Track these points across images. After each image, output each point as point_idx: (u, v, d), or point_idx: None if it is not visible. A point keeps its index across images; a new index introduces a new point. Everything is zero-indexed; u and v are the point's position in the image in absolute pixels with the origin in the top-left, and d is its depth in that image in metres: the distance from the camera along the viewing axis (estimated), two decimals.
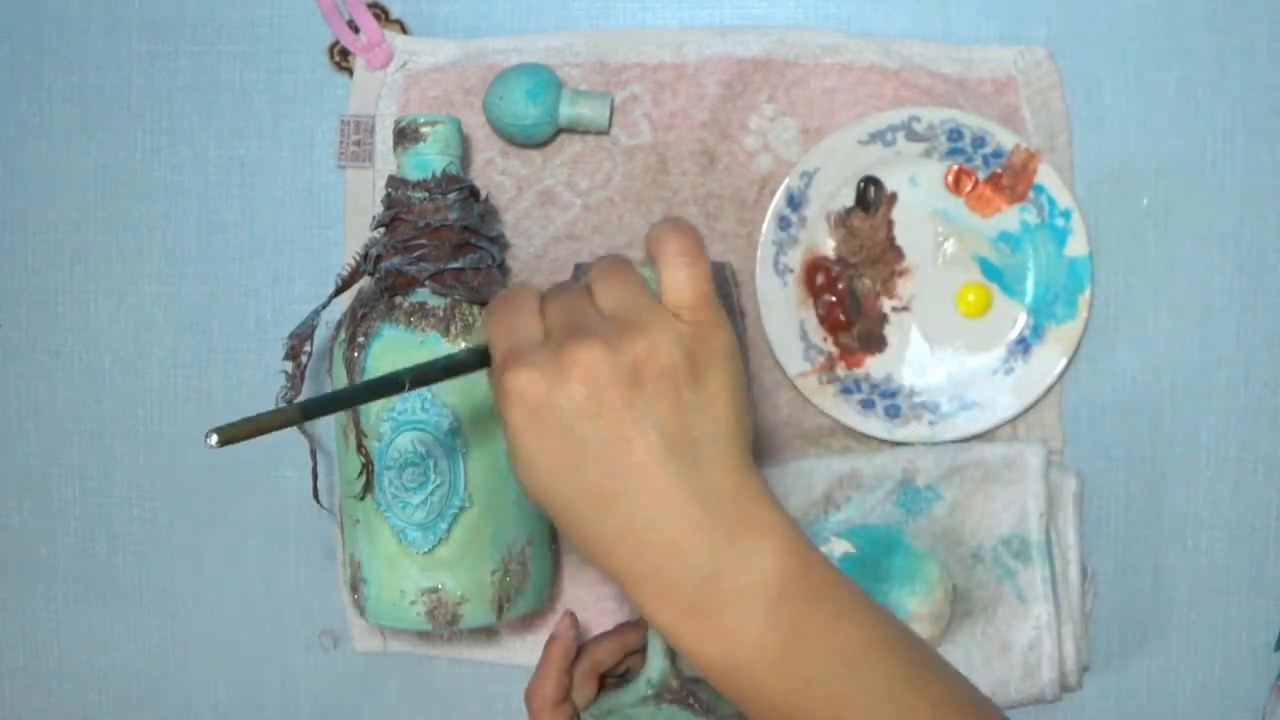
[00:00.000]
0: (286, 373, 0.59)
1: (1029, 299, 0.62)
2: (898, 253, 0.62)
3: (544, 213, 0.64)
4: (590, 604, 0.65)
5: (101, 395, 0.69)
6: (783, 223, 0.62)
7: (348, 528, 0.58)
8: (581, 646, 0.59)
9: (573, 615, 0.57)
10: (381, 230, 0.59)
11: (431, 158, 0.57)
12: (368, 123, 0.65)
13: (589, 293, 0.41)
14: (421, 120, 0.57)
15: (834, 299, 0.63)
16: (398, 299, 0.56)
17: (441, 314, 0.55)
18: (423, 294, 0.56)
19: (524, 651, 0.66)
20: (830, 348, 0.63)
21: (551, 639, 0.56)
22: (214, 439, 0.36)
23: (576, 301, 0.40)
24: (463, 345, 0.55)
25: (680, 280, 0.40)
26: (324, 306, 0.59)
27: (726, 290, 0.58)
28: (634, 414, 0.38)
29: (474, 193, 0.59)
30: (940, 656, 0.43)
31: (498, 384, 0.39)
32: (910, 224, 0.62)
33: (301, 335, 0.58)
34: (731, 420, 0.39)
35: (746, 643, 0.38)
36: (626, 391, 0.38)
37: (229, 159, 0.67)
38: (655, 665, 0.58)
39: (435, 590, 0.55)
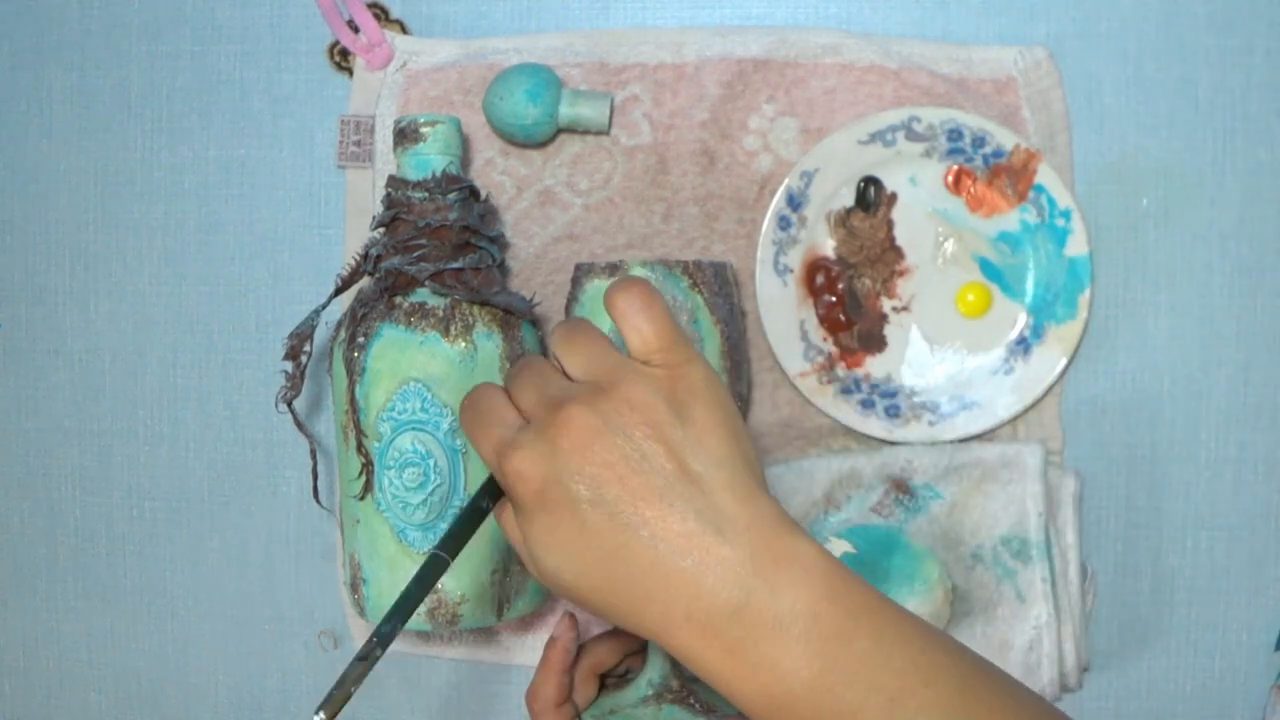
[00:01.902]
0: (286, 373, 0.59)
1: (1029, 299, 0.62)
2: (898, 253, 0.62)
3: (544, 213, 0.64)
4: None
5: (101, 395, 0.69)
6: (783, 223, 0.62)
7: (348, 528, 0.58)
8: (582, 646, 0.59)
9: (572, 616, 0.57)
10: (381, 230, 0.59)
11: (431, 158, 0.57)
12: (368, 123, 0.65)
13: (553, 365, 0.42)
14: (421, 120, 0.57)
15: (834, 299, 0.63)
16: (398, 299, 0.56)
17: (441, 314, 0.55)
18: (423, 294, 0.56)
19: (524, 651, 0.66)
20: (830, 348, 0.63)
21: (551, 640, 0.56)
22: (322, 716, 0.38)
23: (545, 377, 0.41)
24: (462, 346, 0.55)
25: (639, 327, 0.41)
26: (324, 306, 0.59)
27: (727, 290, 0.58)
28: (630, 464, 0.38)
29: (474, 193, 0.59)
30: (1007, 680, 0.41)
31: (499, 477, 0.40)
32: (910, 224, 0.62)
33: (301, 335, 0.58)
34: (728, 448, 0.39)
35: (783, 676, 0.37)
36: (617, 445, 0.38)
37: (229, 159, 0.67)
38: (656, 665, 0.58)
39: (435, 590, 0.55)
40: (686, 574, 0.38)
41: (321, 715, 0.37)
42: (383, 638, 0.39)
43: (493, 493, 0.43)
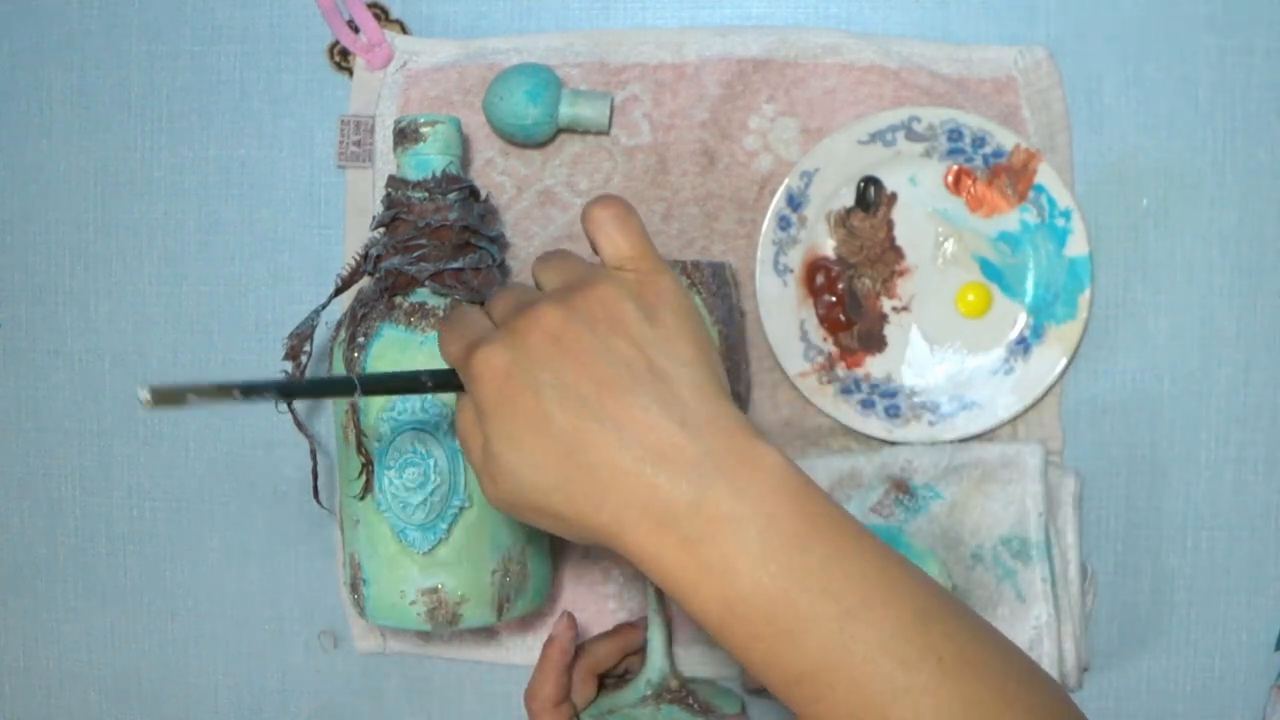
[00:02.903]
0: (286, 372, 0.59)
1: (1029, 299, 0.62)
2: (898, 253, 0.62)
3: (544, 213, 0.64)
4: (589, 604, 0.65)
5: (101, 395, 0.69)
6: (783, 223, 0.62)
7: (348, 528, 0.58)
8: (581, 646, 0.59)
9: (571, 616, 0.57)
10: (381, 230, 0.59)
11: (431, 158, 0.57)
12: (368, 123, 0.65)
13: (530, 285, 0.44)
14: (421, 120, 0.57)
15: (834, 299, 0.63)
16: (398, 299, 0.56)
17: (441, 314, 0.55)
18: (423, 294, 0.56)
19: (524, 651, 0.66)
20: (830, 348, 0.63)
21: (550, 640, 0.56)
22: (146, 395, 0.36)
23: (520, 291, 0.43)
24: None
25: (612, 236, 0.42)
26: (324, 306, 0.59)
27: (726, 290, 0.58)
28: (595, 354, 0.38)
29: (474, 193, 0.59)
30: (965, 610, 0.39)
31: (465, 376, 0.40)
32: (910, 224, 0.62)
33: (301, 335, 0.58)
34: (695, 353, 0.40)
35: (738, 577, 0.37)
36: (584, 335, 0.38)
37: (229, 159, 0.67)
38: (655, 665, 0.58)
39: (435, 590, 0.55)
40: (646, 464, 0.37)
41: (147, 393, 0.36)
42: (249, 390, 0.38)
43: (439, 381, 0.42)
